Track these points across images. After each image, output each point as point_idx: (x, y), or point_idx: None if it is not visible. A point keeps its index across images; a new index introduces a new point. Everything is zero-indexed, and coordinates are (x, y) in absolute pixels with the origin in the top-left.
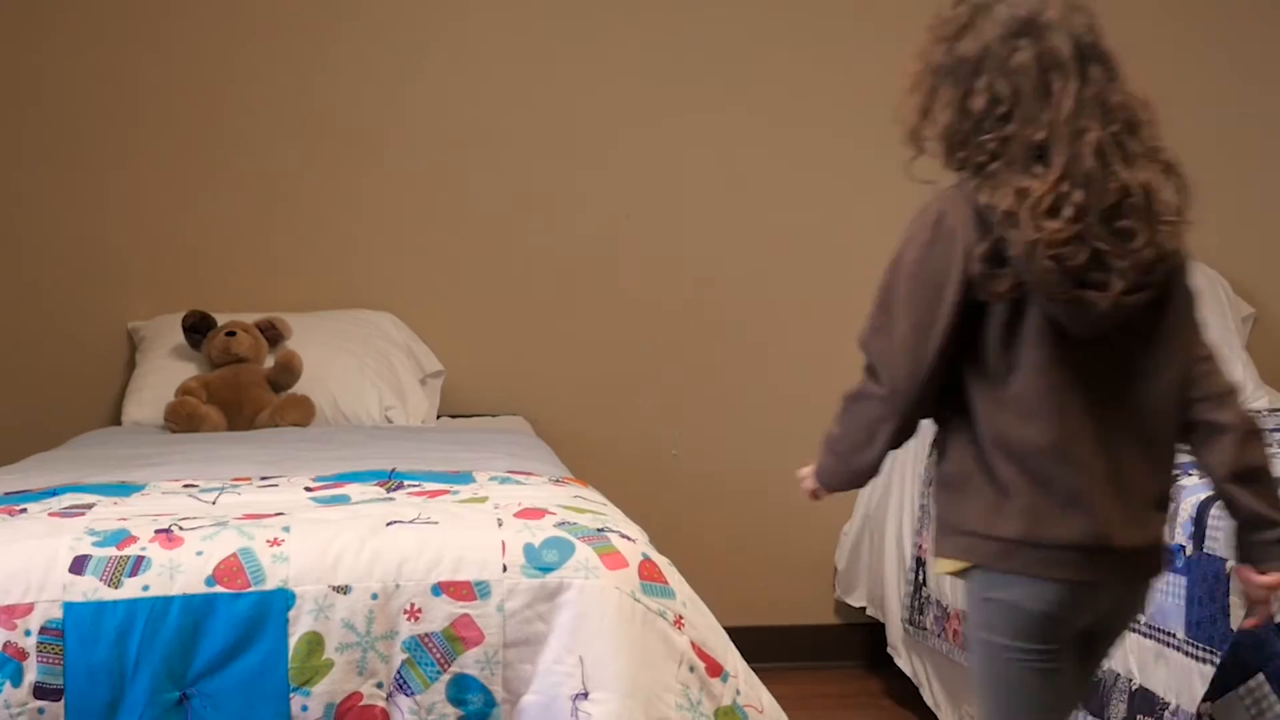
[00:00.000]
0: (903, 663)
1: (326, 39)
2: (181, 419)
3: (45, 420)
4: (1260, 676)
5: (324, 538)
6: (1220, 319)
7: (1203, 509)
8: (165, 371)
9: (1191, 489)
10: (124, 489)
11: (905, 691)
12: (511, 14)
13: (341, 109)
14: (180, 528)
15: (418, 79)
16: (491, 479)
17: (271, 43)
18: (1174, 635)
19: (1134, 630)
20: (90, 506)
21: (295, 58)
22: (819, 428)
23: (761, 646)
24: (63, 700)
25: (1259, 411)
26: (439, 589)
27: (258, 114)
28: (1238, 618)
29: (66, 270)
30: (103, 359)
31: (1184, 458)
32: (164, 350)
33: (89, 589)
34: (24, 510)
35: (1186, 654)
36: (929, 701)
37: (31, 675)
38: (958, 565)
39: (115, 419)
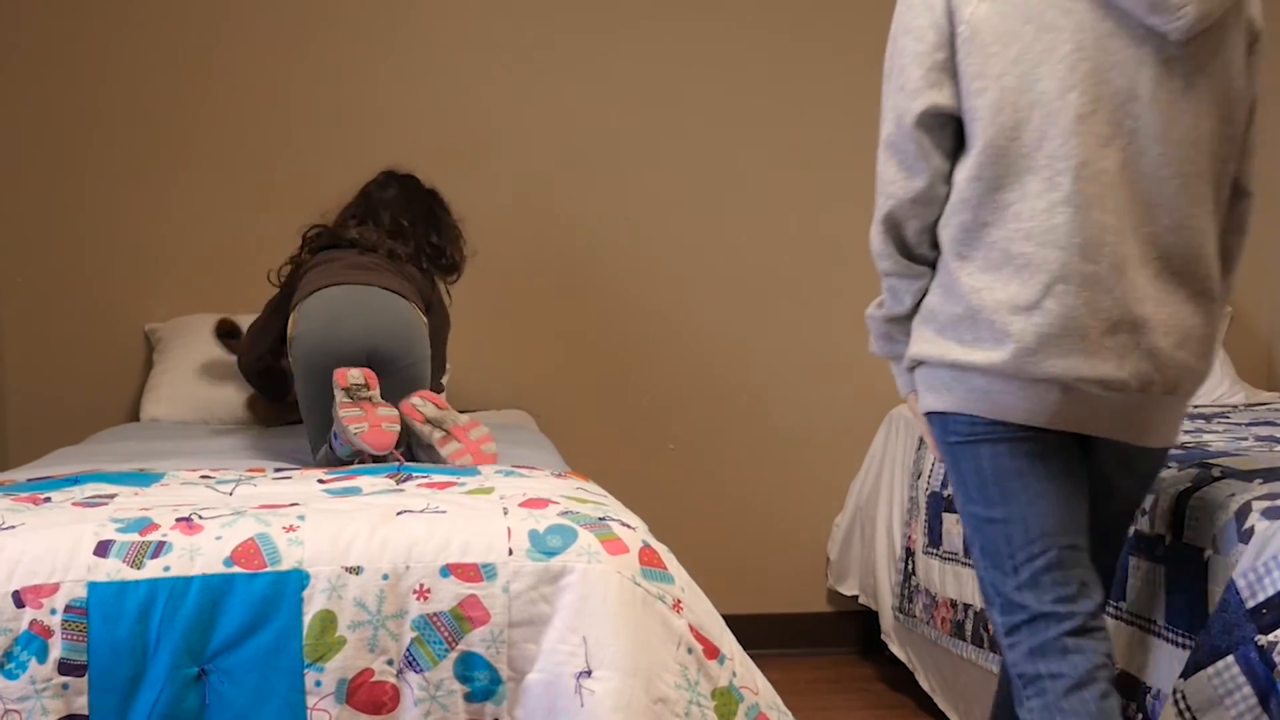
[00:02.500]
0: (895, 649)
1: (336, 50)
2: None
3: (67, 418)
4: (1230, 658)
5: (337, 524)
6: None
7: (1181, 500)
8: (181, 371)
9: (1171, 480)
10: (143, 478)
11: (897, 676)
12: (513, 18)
13: (347, 113)
14: (200, 516)
15: (422, 84)
16: (497, 472)
17: (283, 52)
18: (1154, 622)
19: (1116, 617)
20: (112, 497)
21: (304, 67)
22: (812, 424)
23: (756, 634)
24: (86, 676)
25: (1235, 406)
26: (447, 570)
27: (268, 121)
28: (1213, 605)
29: (87, 275)
30: (121, 359)
31: None
32: (180, 351)
33: (112, 569)
34: (48, 499)
35: (1166, 640)
36: (924, 686)
37: (56, 652)
38: None
39: (134, 416)
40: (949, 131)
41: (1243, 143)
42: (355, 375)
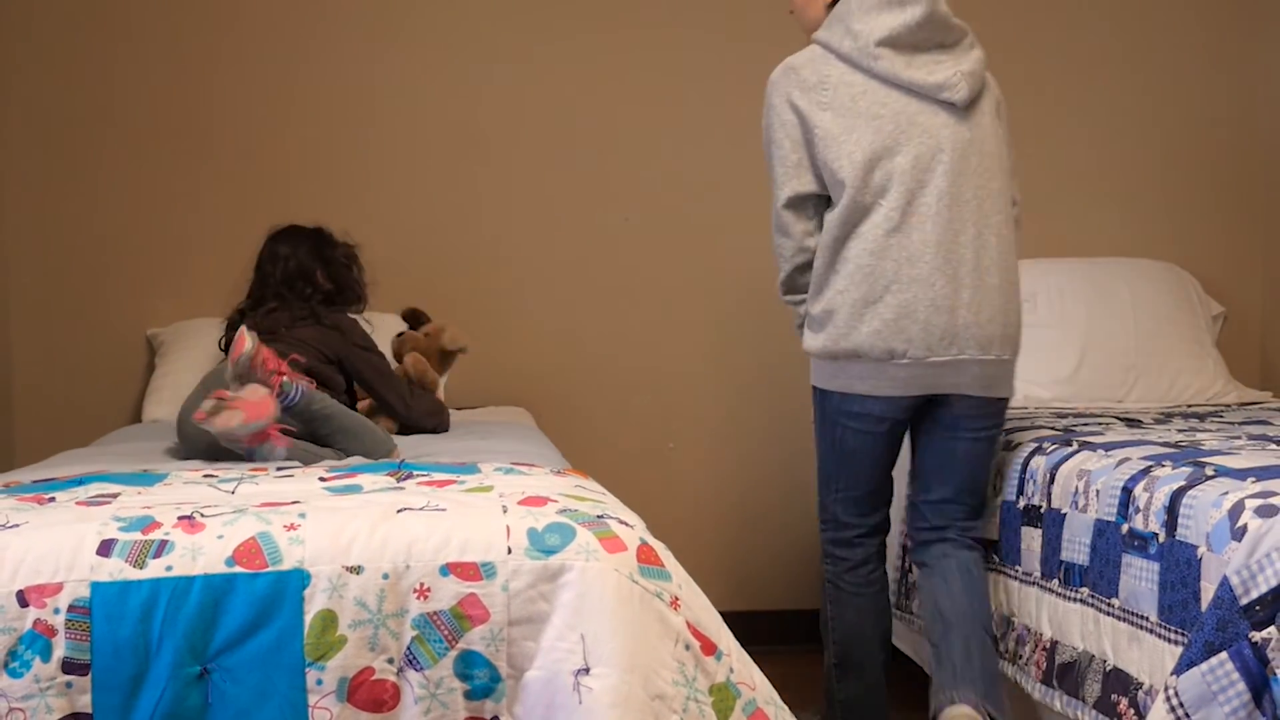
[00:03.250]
0: (895, 640)
1: (337, 60)
2: None
3: (72, 420)
4: (1224, 655)
5: (338, 522)
6: (1191, 318)
7: (1175, 498)
8: (183, 374)
9: (1165, 478)
10: (147, 478)
11: (892, 671)
12: (516, 22)
13: (347, 117)
14: (202, 514)
15: (422, 85)
16: (496, 470)
17: (284, 62)
18: (1147, 618)
19: (1109, 614)
20: (116, 496)
21: (305, 76)
22: (810, 423)
23: (755, 630)
24: (89, 675)
25: (1228, 405)
26: (447, 569)
27: (268, 130)
28: (1208, 602)
29: (90, 282)
30: (124, 363)
31: None
32: (181, 354)
33: (115, 569)
34: (53, 499)
35: (1159, 636)
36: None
37: (60, 651)
38: None
39: (136, 418)
40: (809, 206)
41: (1009, 169)
42: (206, 404)
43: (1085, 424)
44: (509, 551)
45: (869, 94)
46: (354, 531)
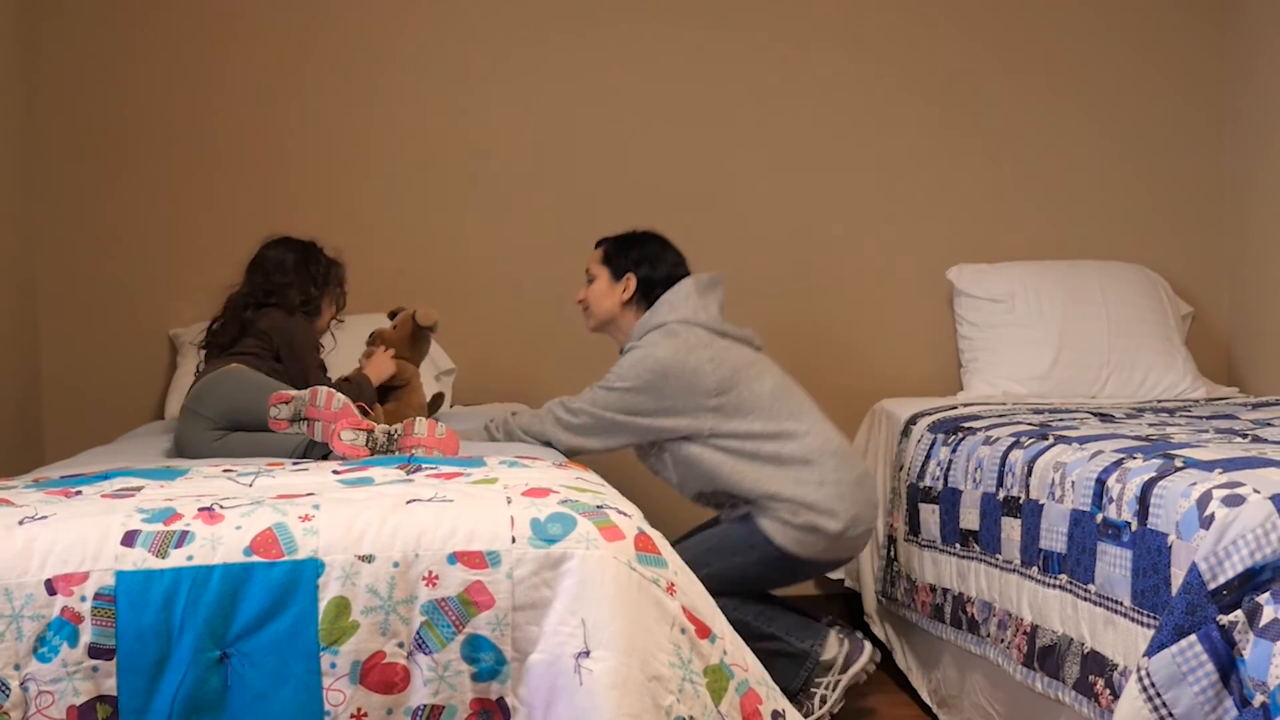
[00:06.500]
0: (877, 629)
1: (355, 69)
2: None
3: (98, 417)
4: (1193, 638)
5: (350, 513)
6: (1161, 317)
7: (1146, 489)
8: None
9: (1137, 470)
10: (169, 473)
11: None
12: (517, 26)
13: (355, 126)
14: (221, 506)
15: (424, 94)
16: (501, 463)
17: (303, 71)
18: (1121, 603)
19: (1085, 599)
20: (139, 489)
21: (324, 84)
22: None
23: None
24: (115, 659)
25: (1196, 401)
26: (454, 558)
27: (282, 138)
28: (1177, 587)
29: (115, 283)
30: (147, 362)
31: None
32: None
33: (139, 559)
34: (79, 493)
35: (1133, 620)
36: (900, 665)
37: (86, 637)
38: None
39: (159, 416)
40: None
41: None
42: (281, 411)
43: (1060, 419)
44: (513, 540)
45: None
46: (366, 522)
